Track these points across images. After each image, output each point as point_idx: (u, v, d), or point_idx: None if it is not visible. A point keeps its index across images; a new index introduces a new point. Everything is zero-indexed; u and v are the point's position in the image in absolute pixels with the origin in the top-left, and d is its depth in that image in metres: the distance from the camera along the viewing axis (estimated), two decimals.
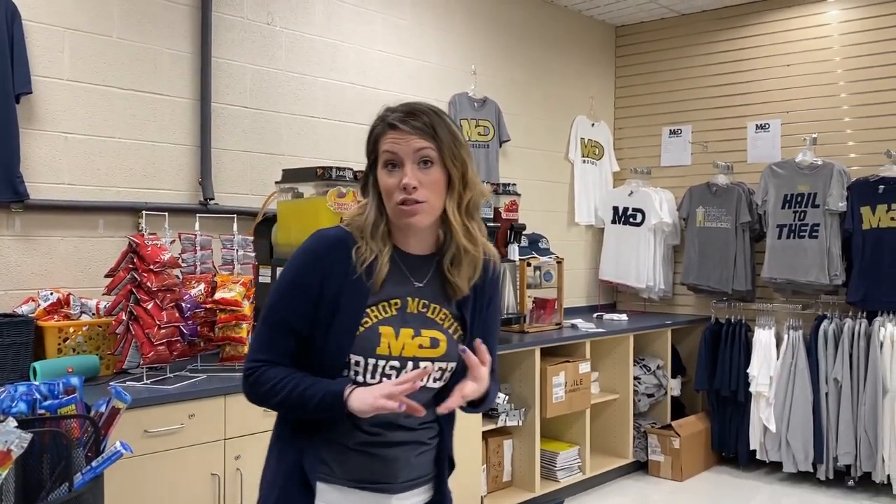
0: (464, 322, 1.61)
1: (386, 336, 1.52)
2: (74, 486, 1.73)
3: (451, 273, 1.58)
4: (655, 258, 5.50)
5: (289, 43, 3.92)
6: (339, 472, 1.56)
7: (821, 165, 4.80)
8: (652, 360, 5.13)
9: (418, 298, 1.57)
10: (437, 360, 1.56)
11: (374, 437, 1.55)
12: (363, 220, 1.55)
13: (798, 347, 4.77)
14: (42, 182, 3.06)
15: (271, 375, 1.52)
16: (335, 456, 1.56)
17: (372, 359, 1.52)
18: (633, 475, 4.97)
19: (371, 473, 1.56)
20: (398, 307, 1.55)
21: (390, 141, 1.53)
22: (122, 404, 1.90)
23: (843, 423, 4.59)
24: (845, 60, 4.99)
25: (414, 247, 1.59)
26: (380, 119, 1.57)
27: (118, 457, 1.80)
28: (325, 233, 1.57)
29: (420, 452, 1.62)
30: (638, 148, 5.91)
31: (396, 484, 1.58)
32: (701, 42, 5.59)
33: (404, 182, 1.49)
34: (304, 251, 1.55)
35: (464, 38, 4.86)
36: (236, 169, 3.70)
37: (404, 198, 1.50)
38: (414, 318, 1.56)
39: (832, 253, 4.72)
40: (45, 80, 3.06)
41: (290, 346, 1.53)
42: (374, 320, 1.53)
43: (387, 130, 1.54)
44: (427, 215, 1.52)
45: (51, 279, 3.07)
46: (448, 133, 1.54)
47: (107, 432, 1.90)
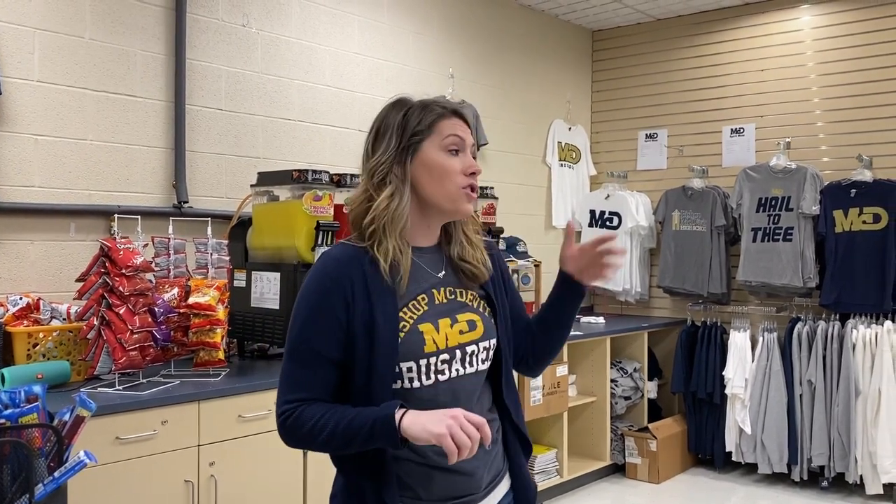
0: (490, 300, 1.61)
1: (428, 333, 1.48)
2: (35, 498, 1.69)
3: (468, 262, 1.58)
4: (632, 261, 5.53)
5: (264, 45, 3.89)
6: (424, 494, 1.48)
7: (794, 169, 4.86)
8: (629, 363, 5.15)
9: (443, 287, 1.56)
10: (479, 341, 1.54)
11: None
12: (394, 213, 1.49)
13: (773, 350, 4.81)
14: (12, 185, 3.00)
15: (308, 415, 1.42)
16: (418, 479, 1.48)
17: (423, 360, 1.47)
18: (610, 478, 4.98)
19: (456, 490, 1.50)
20: (426, 301, 1.52)
21: (457, 127, 1.54)
22: (86, 412, 1.85)
23: (816, 424, 4.64)
24: (818, 66, 5.06)
25: (422, 240, 1.57)
26: (437, 104, 1.56)
27: (82, 467, 1.76)
28: (331, 253, 1.52)
29: (493, 450, 1.57)
30: (614, 152, 5.94)
31: (480, 492, 1.54)
32: (677, 47, 5.64)
33: (474, 168, 1.53)
34: (318, 277, 1.48)
35: (441, 41, 4.85)
36: (211, 172, 3.67)
37: (470, 182, 1.53)
38: (445, 307, 1.54)
39: (806, 256, 4.78)
40: (15, 81, 3.01)
41: (326, 377, 1.45)
42: (410, 322, 1.48)
43: (451, 116, 1.54)
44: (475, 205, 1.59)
45: (20, 283, 3.02)
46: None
47: (70, 441, 1.86)
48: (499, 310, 1.61)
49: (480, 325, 1.56)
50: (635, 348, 5.23)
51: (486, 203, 4.14)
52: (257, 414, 2.86)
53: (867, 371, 4.49)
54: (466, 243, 1.59)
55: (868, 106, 4.87)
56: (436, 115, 1.53)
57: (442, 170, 1.51)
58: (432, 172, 1.51)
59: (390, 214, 1.48)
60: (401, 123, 1.53)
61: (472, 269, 1.58)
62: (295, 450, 1.58)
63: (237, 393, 2.84)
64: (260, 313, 3.29)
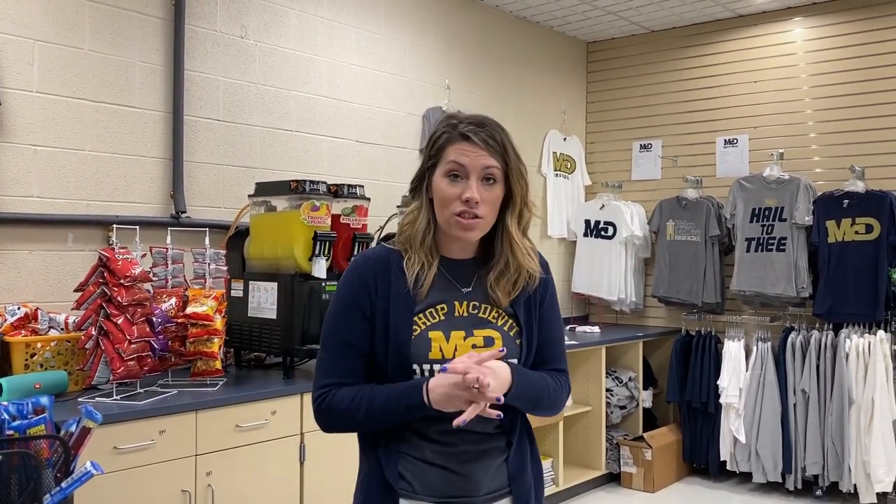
0: (517, 319, 1.61)
1: (436, 340, 1.53)
2: None
3: (494, 286, 1.59)
4: (627, 271, 5.56)
5: (262, 56, 3.91)
6: (419, 487, 1.54)
7: (787, 180, 4.90)
8: (624, 372, 5.17)
9: (466, 301, 1.59)
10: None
11: (446, 447, 1.54)
12: (416, 227, 1.57)
13: (767, 359, 4.84)
14: (10, 195, 3.01)
15: (344, 395, 1.52)
16: (413, 471, 1.54)
17: (427, 364, 1.52)
18: (605, 487, 4.99)
19: (451, 488, 1.54)
20: (445, 312, 1.56)
21: (460, 151, 1.54)
22: (92, 424, 1.87)
23: (810, 433, 4.66)
24: (811, 77, 5.11)
25: (457, 252, 1.62)
26: (449, 126, 1.57)
27: (88, 477, 1.77)
28: (367, 253, 1.63)
29: (497, 463, 1.58)
30: (609, 162, 5.98)
31: (479, 497, 1.55)
32: (671, 58, 5.69)
33: (468, 195, 1.51)
34: (349, 273, 1.59)
35: (438, 52, 4.89)
36: (209, 182, 3.68)
37: (464, 210, 1.52)
38: (464, 320, 1.57)
39: (799, 266, 4.81)
40: (14, 91, 3.03)
41: (354, 365, 1.55)
42: (422, 327, 1.54)
43: (457, 140, 1.55)
44: (480, 231, 1.57)
45: (18, 293, 3.03)
46: (514, 152, 1.59)
47: (77, 452, 1.87)
48: (524, 330, 1.61)
49: (499, 342, 1.57)
50: (630, 358, 5.25)
51: None
52: (254, 424, 2.87)
53: (860, 380, 4.52)
54: (506, 271, 1.59)
55: (860, 117, 4.92)
56: (445, 139, 1.56)
57: (442, 196, 1.54)
58: (436, 198, 1.56)
59: (411, 230, 1.57)
60: (428, 144, 1.60)
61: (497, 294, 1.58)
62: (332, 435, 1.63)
63: (234, 403, 2.85)
64: (257, 323, 3.30)
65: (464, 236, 1.56)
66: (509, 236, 1.59)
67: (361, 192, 3.52)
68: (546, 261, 1.73)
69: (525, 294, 1.62)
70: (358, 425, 1.55)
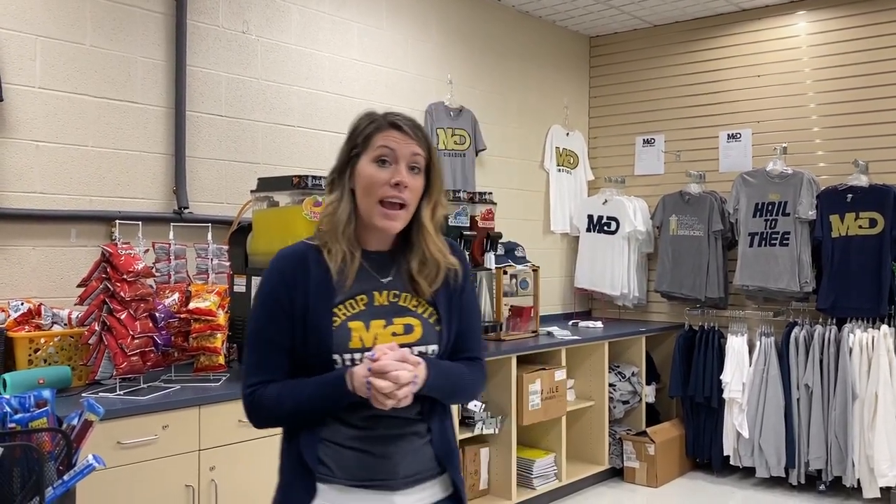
0: (437, 308, 1.64)
1: (356, 330, 1.56)
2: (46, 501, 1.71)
3: (418, 276, 1.62)
4: (629, 266, 5.55)
5: (264, 51, 3.91)
6: (337, 472, 1.56)
7: (791, 174, 4.88)
8: (627, 367, 5.17)
9: (387, 291, 1.62)
10: (415, 345, 1.59)
11: (365, 431, 1.56)
12: (336, 218, 1.58)
13: (770, 354, 4.83)
14: (13, 191, 3.02)
15: (272, 391, 1.56)
16: (332, 456, 1.56)
17: (347, 354, 1.55)
18: (608, 482, 4.99)
19: (368, 471, 1.56)
20: (365, 302, 1.59)
21: (390, 138, 1.57)
22: (94, 417, 1.87)
23: (814, 428, 4.65)
24: (814, 71, 5.09)
25: (375, 244, 1.64)
26: (379, 116, 1.61)
27: (90, 470, 1.78)
28: (284, 250, 1.63)
29: (417, 446, 1.59)
30: (612, 157, 5.97)
31: (397, 480, 1.56)
32: (673, 53, 5.67)
33: (398, 179, 1.54)
34: (269, 271, 1.61)
35: (440, 47, 4.88)
36: (211, 178, 3.68)
37: (394, 194, 1.55)
38: (384, 309, 1.60)
39: (802, 260, 4.80)
40: (16, 87, 3.03)
41: (279, 362, 1.57)
42: (342, 318, 1.56)
43: (387, 128, 1.59)
44: (403, 222, 1.59)
45: (22, 289, 3.03)
46: (435, 148, 1.66)
47: (79, 445, 1.87)
48: (443, 318, 1.64)
49: (419, 329, 1.60)
50: (633, 353, 5.25)
51: (485, 208, 4.16)
52: None
53: (864, 375, 4.51)
54: (426, 261, 1.62)
55: (864, 111, 4.90)
56: (373, 128, 1.59)
57: (369, 182, 1.56)
58: (361, 183, 1.57)
59: (332, 220, 1.58)
60: (350, 135, 1.62)
61: (422, 284, 1.62)
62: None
63: (237, 398, 2.80)
64: None
65: (387, 226, 1.57)
66: (424, 228, 1.61)
67: None
68: (463, 252, 1.76)
69: (446, 284, 1.65)
70: (286, 418, 1.58)
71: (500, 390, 4.17)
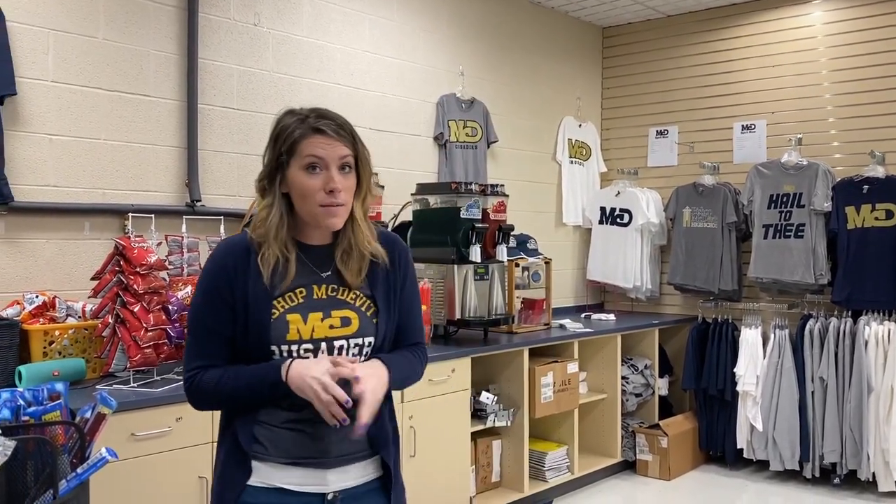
0: (375, 300, 1.69)
1: (293, 322, 1.59)
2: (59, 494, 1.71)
3: (343, 266, 1.66)
4: (642, 258, 5.52)
5: (276, 44, 3.90)
6: (272, 450, 1.60)
7: (806, 166, 4.84)
8: (640, 360, 5.15)
9: (325, 285, 1.66)
10: (351, 337, 1.64)
11: (299, 413, 1.59)
12: (268, 223, 1.60)
13: (784, 346, 4.80)
14: (27, 184, 3.03)
15: (209, 378, 1.60)
16: (267, 435, 1.60)
17: (284, 345, 1.59)
18: (621, 475, 4.98)
19: (302, 449, 1.61)
20: (304, 295, 1.63)
21: (316, 145, 1.59)
22: (107, 410, 1.88)
23: (828, 421, 4.62)
24: (830, 61, 5.03)
25: (316, 238, 1.68)
26: (297, 121, 1.61)
27: (104, 463, 1.78)
28: (228, 240, 1.68)
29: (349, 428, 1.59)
30: (625, 149, 5.93)
31: (330, 458, 1.62)
32: (687, 43, 5.62)
33: (332, 186, 1.57)
34: (210, 261, 1.66)
35: (451, 39, 4.86)
36: (223, 170, 3.69)
37: (331, 200, 1.58)
38: (322, 302, 1.64)
39: (817, 252, 4.76)
40: (30, 81, 3.04)
41: (219, 348, 1.62)
42: (280, 310, 1.60)
43: (310, 134, 1.59)
44: (343, 217, 1.63)
45: (36, 282, 3.05)
46: (360, 140, 1.67)
47: (92, 438, 1.88)
48: (381, 310, 1.68)
49: (356, 322, 1.65)
50: (646, 345, 5.23)
51: (497, 201, 4.14)
52: None
53: (879, 368, 4.48)
54: (350, 250, 1.66)
55: (880, 101, 4.84)
56: (296, 136, 1.59)
57: (302, 189, 1.59)
58: (295, 191, 1.60)
59: (266, 225, 1.61)
60: (273, 141, 1.63)
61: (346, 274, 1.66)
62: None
63: None
64: None
65: (332, 224, 1.62)
66: (354, 220, 1.65)
67: (375, 179, 3.50)
68: (400, 240, 1.80)
69: (382, 273, 1.70)
70: (224, 402, 1.63)
71: (512, 383, 4.17)
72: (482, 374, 4.11)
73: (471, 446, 3.90)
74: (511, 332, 4.37)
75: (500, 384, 4.21)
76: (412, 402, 3.50)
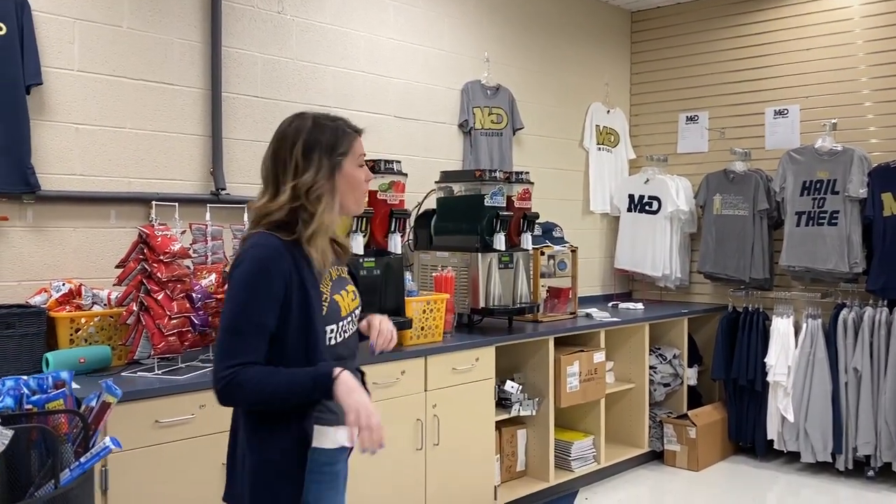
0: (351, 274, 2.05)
1: (339, 302, 1.89)
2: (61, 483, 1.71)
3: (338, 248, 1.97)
4: (672, 246, 5.44)
5: (300, 31, 3.89)
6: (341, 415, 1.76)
7: (841, 151, 4.72)
8: (668, 350, 5.08)
9: (335, 267, 1.95)
10: (357, 308, 1.98)
11: None
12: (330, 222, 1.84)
13: (817, 336, 4.70)
14: (53, 173, 3.06)
15: (250, 375, 1.69)
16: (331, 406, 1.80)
17: (340, 322, 1.88)
18: (648, 465, 4.93)
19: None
20: (329, 279, 1.90)
21: (362, 144, 1.93)
22: (112, 399, 1.88)
23: (862, 412, 4.52)
24: (867, 44, 4.89)
25: None
26: (340, 124, 1.91)
27: (107, 452, 1.78)
28: (268, 242, 1.78)
29: None
30: (654, 135, 5.84)
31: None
32: (718, 27, 5.50)
33: (370, 177, 1.96)
34: (261, 262, 1.75)
35: (477, 24, 4.81)
36: (248, 159, 3.69)
37: (366, 190, 1.96)
38: (339, 282, 1.94)
39: (852, 240, 4.64)
40: (56, 70, 3.07)
41: (260, 346, 1.74)
42: (328, 293, 1.87)
43: (357, 135, 1.92)
44: None
45: (63, 270, 3.08)
46: None
47: (97, 427, 1.88)
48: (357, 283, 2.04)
49: (358, 295, 2.00)
50: (675, 335, 5.16)
51: (522, 188, 4.09)
52: None
53: None
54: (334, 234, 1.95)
55: None
56: (352, 137, 1.90)
57: (357, 182, 1.90)
58: (350, 184, 1.88)
59: (328, 224, 1.83)
60: (328, 145, 1.85)
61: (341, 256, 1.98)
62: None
63: None
64: None
65: (359, 212, 2.07)
66: None
67: (398, 167, 3.49)
68: None
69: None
70: (263, 402, 1.72)
71: (538, 372, 4.14)
72: (507, 363, 4.08)
73: (495, 435, 3.88)
74: (536, 320, 4.33)
75: (525, 373, 4.18)
76: (435, 391, 3.49)
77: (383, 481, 3.27)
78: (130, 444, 2.51)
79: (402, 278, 3.45)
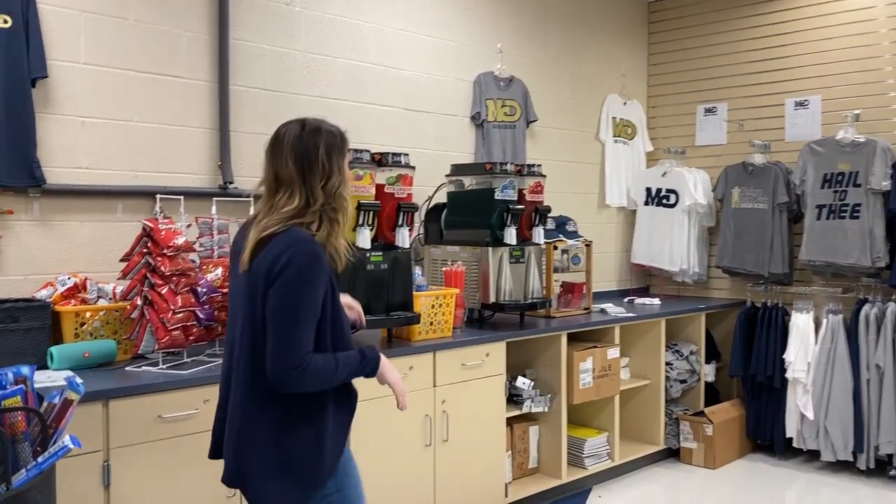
0: None
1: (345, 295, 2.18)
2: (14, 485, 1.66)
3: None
4: (689, 240, 5.35)
5: (308, 24, 3.85)
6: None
7: (863, 143, 4.60)
8: (685, 346, 5.00)
9: None
10: None
11: None
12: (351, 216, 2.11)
13: (837, 332, 4.60)
14: (59, 167, 3.05)
15: (321, 360, 1.92)
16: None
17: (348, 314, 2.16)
18: (664, 462, 4.86)
19: None
20: None
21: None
22: (75, 395, 1.82)
23: (885, 410, 4.41)
24: (891, 32, 4.76)
25: None
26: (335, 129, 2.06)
27: (65, 452, 1.71)
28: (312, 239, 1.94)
29: None
30: (672, 127, 5.74)
31: None
32: (737, 16, 5.39)
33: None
34: (315, 257, 1.91)
35: (489, 15, 4.74)
36: (255, 152, 3.63)
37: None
38: None
39: (874, 234, 4.53)
40: (61, 63, 3.05)
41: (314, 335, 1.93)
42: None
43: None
44: None
45: (70, 264, 3.07)
46: None
47: (59, 425, 1.82)
48: None
49: None
50: (692, 330, 5.07)
51: (534, 181, 4.03)
52: None
53: None
54: None
55: None
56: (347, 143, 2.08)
57: (349, 178, 2.09)
58: (348, 182, 2.06)
59: (350, 220, 2.03)
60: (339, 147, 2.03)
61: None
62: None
63: None
64: None
65: None
66: None
67: (406, 160, 3.44)
68: None
69: None
70: (330, 383, 1.96)
71: (550, 368, 4.08)
72: (519, 358, 4.03)
73: (507, 432, 3.83)
74: (549, 316, 4.27)
75: (536, 369, 4.12)
76: (444, 387, 3.44)
77: (392, 477, 3.23)
78: (133, 439, 2.49)
79: (410, 273, 3.41)
